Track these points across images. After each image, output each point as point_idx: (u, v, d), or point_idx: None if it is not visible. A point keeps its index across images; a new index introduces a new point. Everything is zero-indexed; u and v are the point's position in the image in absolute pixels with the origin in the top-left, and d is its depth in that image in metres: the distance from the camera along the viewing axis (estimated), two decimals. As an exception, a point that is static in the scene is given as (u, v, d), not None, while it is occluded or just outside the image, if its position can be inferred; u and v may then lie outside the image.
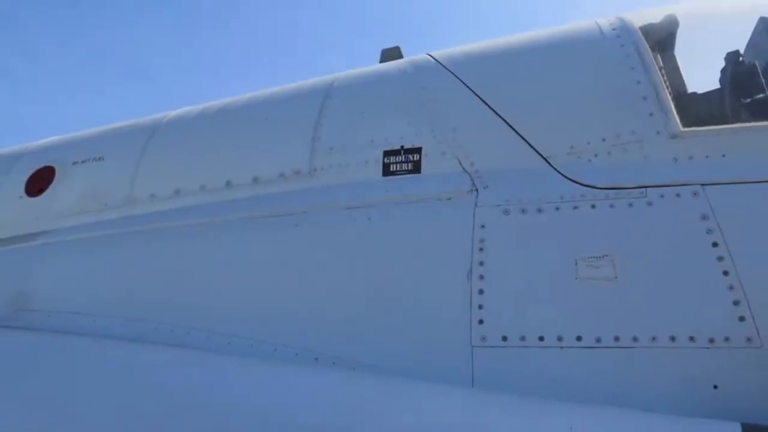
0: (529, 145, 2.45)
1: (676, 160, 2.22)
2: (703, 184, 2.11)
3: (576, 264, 2.08)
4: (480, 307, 2.11)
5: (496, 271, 2.17)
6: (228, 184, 2.96)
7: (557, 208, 2.24)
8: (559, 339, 1.97)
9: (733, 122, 2.52)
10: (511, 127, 2.51)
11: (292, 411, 1.97)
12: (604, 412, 1.76)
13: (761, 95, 2.60)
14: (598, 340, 1.94)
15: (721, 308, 1.88)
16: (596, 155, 2.34)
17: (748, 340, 1.81)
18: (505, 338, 2.03)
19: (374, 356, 2.17)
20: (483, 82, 2.69)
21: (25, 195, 3.49)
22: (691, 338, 1.86)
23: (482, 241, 2.25)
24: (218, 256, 2.73)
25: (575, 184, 2.29)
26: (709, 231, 2.00)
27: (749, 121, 2.44)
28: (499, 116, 2.54)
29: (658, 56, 2.80)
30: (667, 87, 2.48)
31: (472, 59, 2.93)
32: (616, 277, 2.02)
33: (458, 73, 2.78)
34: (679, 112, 2.32)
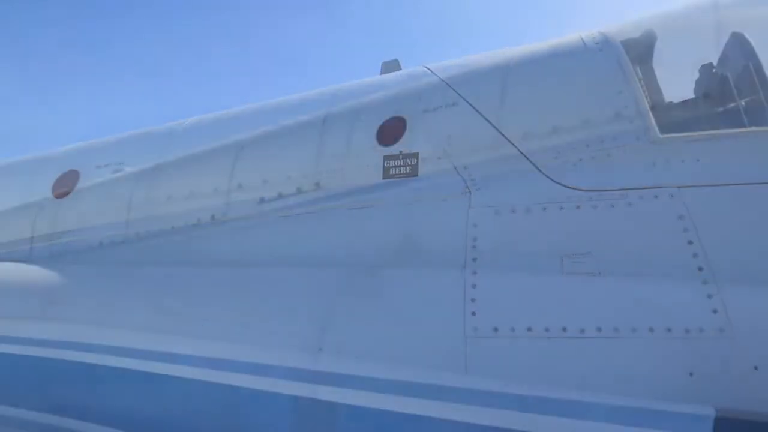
0: (518, 150, 2.45)
1: (654, 164, 2.22)
2: (679, 187, 2.11)
3: (562, 260, 2.08)
4: (473, 300, 2.11)
5: (487, 267, 2.18)
6: (239, 186, 2.96)
7: (544, 209, 2.24)
8: (546, 330, 1.98)
9: (706, 129, 2.52)
10: (501, 134, 2.51)
11: None
12: (587, 396, 1.76)
13: (732, 104, 2.60)
14: (582, 331, 1.94)
15: (695, 301, 1.88)
16: (581, 160, 2.34)
17: (721, 330, 1.81)
18: (496, 329, 2.03)
19: (375, 345, 2.17)
20: (476, 93, 2.70)
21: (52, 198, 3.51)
22: (668, 329, 1.86)
23: (475, 239, 2.26)
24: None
25: (561, 187, 2.29)
26: (684, 230, 2.01)
27: (721, 129, 2.44)
28: (491, 124, 2.55)
29: (638, 68, 2.80)
30: (646, 97, 2.49)
31: (466, 71, 2.93)
32: (598, 273, 2.03)
33: (453, 84, 2.78)
34: (657, 120, 2.33)
